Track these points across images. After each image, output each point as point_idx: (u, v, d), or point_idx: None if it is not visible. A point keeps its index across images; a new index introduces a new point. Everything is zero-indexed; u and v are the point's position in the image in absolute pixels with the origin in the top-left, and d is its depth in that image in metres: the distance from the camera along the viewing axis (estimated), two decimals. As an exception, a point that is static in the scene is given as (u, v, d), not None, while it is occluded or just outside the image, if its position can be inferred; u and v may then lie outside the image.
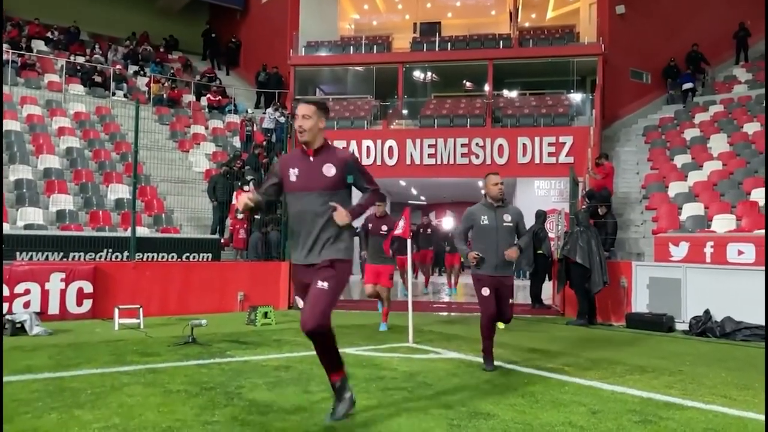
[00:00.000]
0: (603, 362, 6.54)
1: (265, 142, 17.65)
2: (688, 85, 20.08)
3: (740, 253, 10.02)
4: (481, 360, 6.20)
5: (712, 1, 21.28)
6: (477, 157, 19.00)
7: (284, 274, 11.23)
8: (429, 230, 16.69)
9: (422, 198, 29.69)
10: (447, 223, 32.39)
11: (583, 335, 8.88)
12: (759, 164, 14.19)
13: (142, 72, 21.28)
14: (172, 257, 11.47)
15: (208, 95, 21.08)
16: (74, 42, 21.66)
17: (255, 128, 18.65)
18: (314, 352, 4.04)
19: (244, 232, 12.56)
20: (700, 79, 20.74)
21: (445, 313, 11.43)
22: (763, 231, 10.94)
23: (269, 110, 18.47)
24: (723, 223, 11.79)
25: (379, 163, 19.47)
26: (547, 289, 12.91)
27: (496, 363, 6.12)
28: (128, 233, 10.73)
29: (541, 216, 12.36)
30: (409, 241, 7.93)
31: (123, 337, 7.61)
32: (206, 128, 19.56)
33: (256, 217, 12.92)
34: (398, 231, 7.60)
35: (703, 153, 15.74)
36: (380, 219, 8.63)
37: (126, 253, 10.74)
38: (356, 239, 5.43)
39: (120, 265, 10.17)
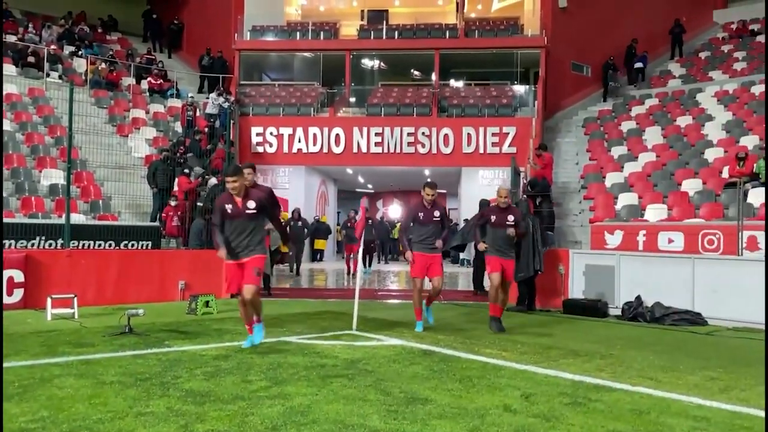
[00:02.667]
0: (539, 347, 6.74)
1: (207, 128, 17.28)
2: (639, 65, 20.97)
3: (670, 241, 10.49)
4: (422, 346, 6.37)
5: (649, -2, 22.01)
6: (423, 146, 19.17)
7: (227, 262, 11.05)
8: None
9: (369, 186, 29.75)
10: (393, 212, 32.60)
11: (522, 321, 9.11)
12: (690, 156, 14.83)
13: (78, 53, 20.43)
14: (110, 245, 11.12)
15: (149, 78, 20.44)
16: (5, 20, 20.58)
17: (198, 113, 18.22)
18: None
19: (178, 219, 12.28)
20: (634, 73, 21.51)
21: (392, 300, 11.52)
22: (693, 220, 11.49)
23: (212, 95, 18.07)
24: (655, 213, 12.28)
25: (325, 150, 19.42)
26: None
27: (435, 349, 6.23)
28: (62, 220, 10.33)
29: (484, 205, 12.55)
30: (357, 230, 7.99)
31: (56, 328, 7.35)
32: (147, 112, 18.99)
33: (198, 204, 12.67)
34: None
35: (639, 145, 16.33)
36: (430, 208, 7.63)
37: (60, 241, 10.35)
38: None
39: (53, 254, 9.79)
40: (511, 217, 7.68)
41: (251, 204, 6.12)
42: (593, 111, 19.92)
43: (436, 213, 7.51)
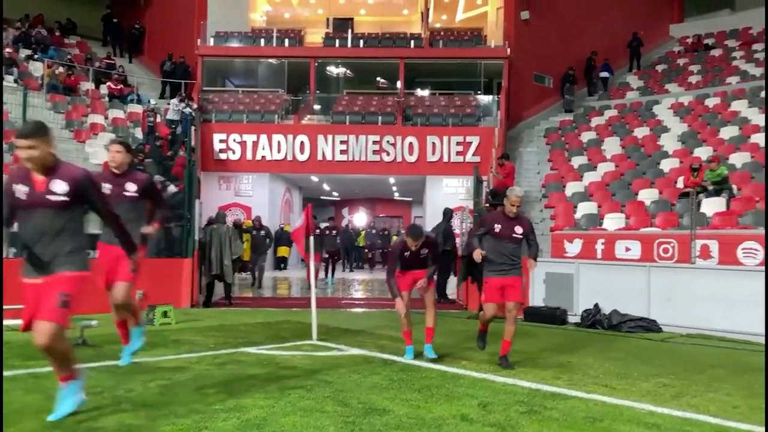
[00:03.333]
0: (497, 355, 6.78)
1: (168, 135, 17.01)
2: (604, 74, 21.56)
3: (627, 249, 10.74)
4: (383, 356, 6.36)
5: (609, 12, 22.57)
6: (388, 154, 19.22)
7: (186, 271, 10.89)
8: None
9: (335, 194, 29.68)
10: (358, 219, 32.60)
11: (483, 329, 9.18)
12: (647, 166, 15.21)
13: (34, 56, 19.91)
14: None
15: (109, 83, 20.05)
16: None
17: (159, 120, 17.93)
18: (212, 352, 3.95)
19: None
20: (594, 84, 22.04)
21: (355, 309, 11.49)
22: (649, 229, 11.77)
23: (174, 101, 17.80)
24: (613, 222, 12.54)
25: (290, 158, 19.30)
26: (453, 284, 13.24)
27: (396, 358, 6.24)
28: (16, 228, 10.01)
29: (447, 214, 12.68)
30: (312, 238, 7.90)
31: (6, 340, 7.10)
32: (106, 118, 18.60)
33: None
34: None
35: (598, 155, 16.68)
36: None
37: (13, 249, 10.02)
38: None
39: (4, 262, 9.47)
40: (519, 229, 6.15)
41: (58, 185, 3.84)
42: (554, 121, 20.28)
43: (423, 250, 6.26)
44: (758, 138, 14.57)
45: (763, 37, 21.97)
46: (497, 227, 6.16)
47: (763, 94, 17.15)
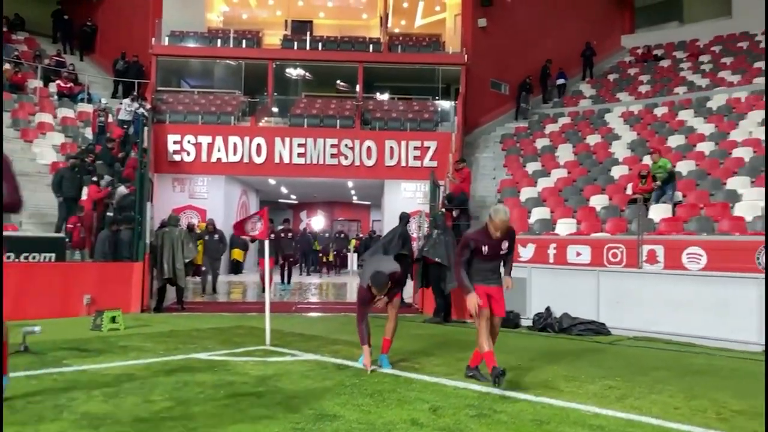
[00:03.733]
0: (451, 358, 6.85)
1: (121, 135, 16.59)
2: (561, 81, 22.21)
3: (578, 254, 10.97)
4: (337, 361, 6.32)
5: (563, 21, 23.10)
6: (346, 158, 19.20)
7: (137, 275, 10.63)
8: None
9: (293, 197, 29.48)
10: (316, 223, 32.43)
11: (438, 332, 9.26)
12: (598, 173, 15.59)
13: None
14: (9, 257, 10.43)
15: (58, 81, 19.45)
16: None
17: (110, 119, 17.48)
18: (162, 359, 3.86)
19: (84, 231, 11.71)
20: (549, 92, 22.54)
21: (311, 314, 11.42)
22: (599, 234, 12.06)
23: (126, 101, 17.38)
24: (565, 227, 12.82)
25: (246, 160, 19.08)
26: (410, 288, 13.30)
27: (349, 363, 6.22)
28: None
29: (404, 218, 12.69)
30: (267, 242, 7.82)
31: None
32: (54, 117, 18.04)
33: (108, 214, 12.13)
34: (255, 233, 7.49)
35: (552, 161, 17.02)
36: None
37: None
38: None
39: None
40: (505, 245, 5.69)
41: None
42: (510, 128, 20.61)
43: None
44: (703, 146, 15.12)
45: (710, 49, 22.91)
46: (485, 249, 5.59)
47: (708, 104, 17.84)
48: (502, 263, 5.89)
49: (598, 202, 13.86)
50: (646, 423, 4.41)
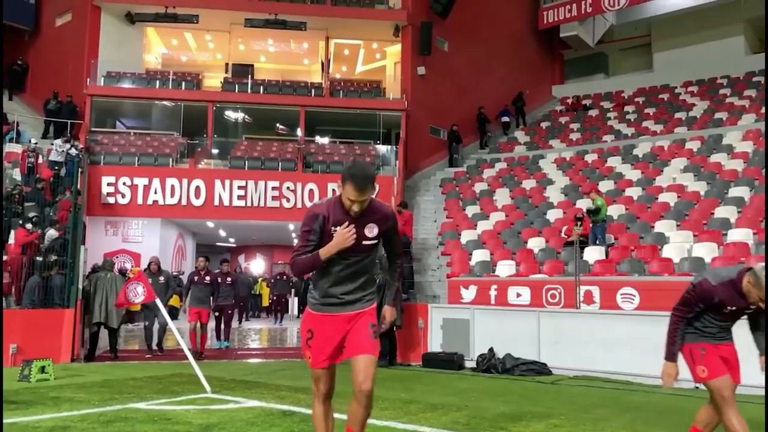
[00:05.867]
0: (399, 402, 6.81)
1: (52, 177, 15.99)
2: (505, 119, 23.45)
3: (518, 295, 11.22)
4: (283, 407, 6.17)
5: (497, 71, 24.10)
6: (288, 200, 19.10)
7: (68, 322, 10.12)
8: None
9: (231, 240, 28.95)
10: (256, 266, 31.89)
11: (383, 375, 9.18)
12: (534, 216, 16.11)
13: None
14: (-75, 305, 9.75)
15: (-15, 120, 18.64)
16: None
17: (41, 160, 16.84)
18: (96, 410, 3.67)
19: (9, 276, 11.03)
20: (486, 138, 23.31)
21: (252, 360, 11.11)
22: (537, 275, 12.40)
23: (58, 141, 16.81)
24: (505, 269, 13.11)
25: (184, 203, 18.67)
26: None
27: (296, 409, 6.08)
28: None
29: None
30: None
31: None
32: (-20, 157, 17.21)
33: (37, 258, 11.56)
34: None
35: (490, 205, 17.49)
36: None
37: None
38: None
39: None
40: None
41: None
42: (450, 172, 21.11)
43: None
44: (632, 191, 15.91)
45: (634, 100, 24.39)
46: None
47: (635, 151, 18.87)
48: None
49: (535, 244, 14.28)
50: (593, 460, 4.50)
